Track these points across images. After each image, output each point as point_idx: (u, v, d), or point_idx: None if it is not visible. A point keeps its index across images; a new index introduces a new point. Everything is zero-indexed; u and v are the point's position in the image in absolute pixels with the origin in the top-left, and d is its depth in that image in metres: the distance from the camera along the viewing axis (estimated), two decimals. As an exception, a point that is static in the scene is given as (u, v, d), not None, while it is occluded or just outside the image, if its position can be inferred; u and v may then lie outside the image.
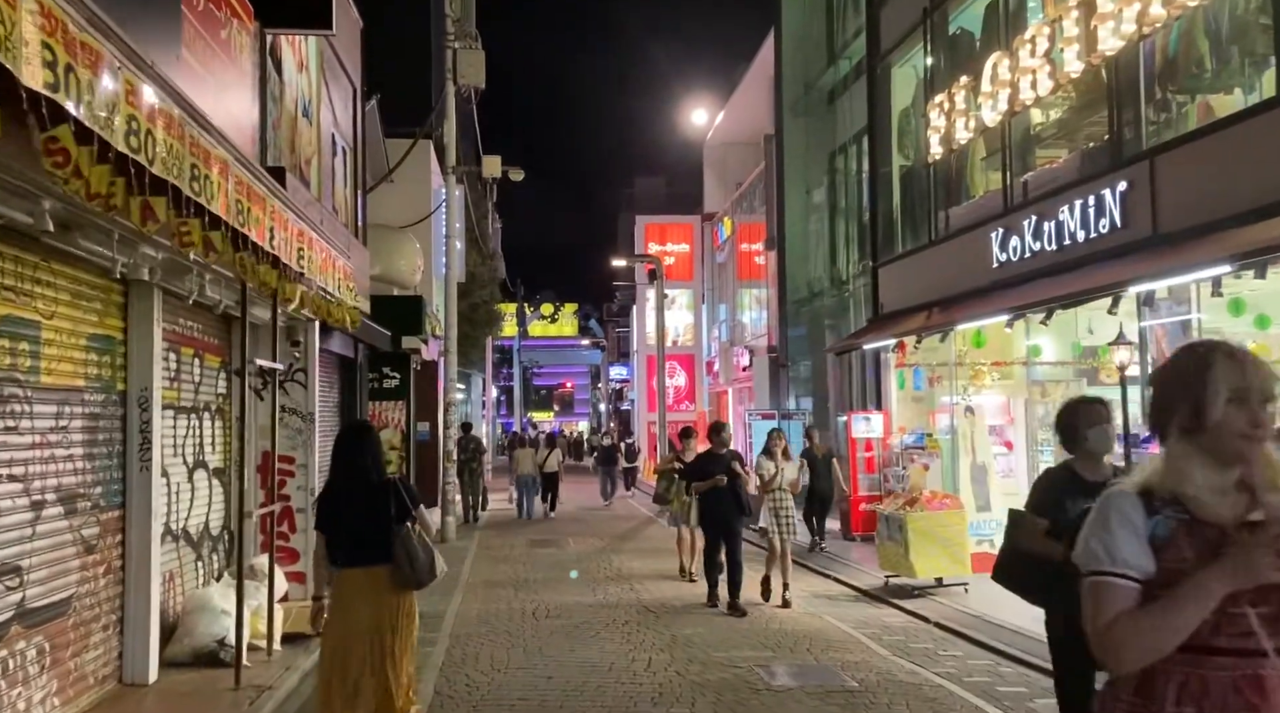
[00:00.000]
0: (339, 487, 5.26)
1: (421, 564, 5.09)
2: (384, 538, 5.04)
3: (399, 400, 18.51)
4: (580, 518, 20.62)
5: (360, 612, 5.04)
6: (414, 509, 5.18)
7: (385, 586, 5.05)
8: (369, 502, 5.10)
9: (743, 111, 33.83)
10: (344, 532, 5.13)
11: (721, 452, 10.24)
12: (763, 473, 10.50)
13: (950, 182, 13.95)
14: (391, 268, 17.46)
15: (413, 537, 5.10)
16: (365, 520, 5.08)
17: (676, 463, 12.09)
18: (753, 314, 33.15)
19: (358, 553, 5.08)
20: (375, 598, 5.06)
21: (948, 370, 14.48)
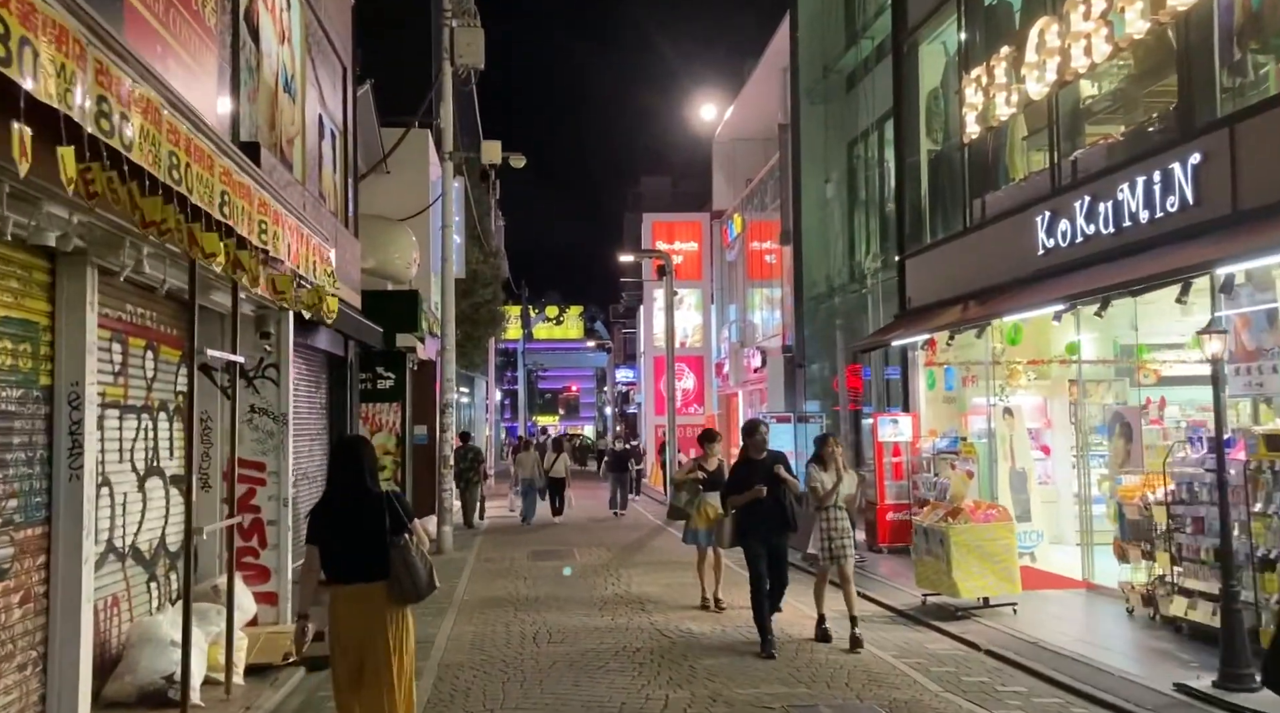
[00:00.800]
0: (334, 500, 5.20)
1: (421, 577, 5.03)
2: (379, 553, 4.98)
3: (394, 402, 17.46)
4: (585, 527, 19.56)
5: (358, 627, 5.00)
6: (409, 522, 5.10)
7: (382, 600, 5.00)
8: (364, 516, 5.03)
9: (753, 105, 32.80)
10: (338, 546, 5.04)
11: (759, 456, 8.60)
12: (815, 485, 8.78)
13: (987, 165, 12.88)
14: (385, 261, 16.44)
15: (411, 549, 5.03)
16: (361, 535, 5.01)
17: (698, 472, 10.50)
18: (764, 314, 32.09)
19: (354, 568, 5.01)
20: (373, 613, 5.01)
21: (983, 369, 13.42)
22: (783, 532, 8.58)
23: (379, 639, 4.99)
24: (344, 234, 14.16)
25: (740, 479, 8.63)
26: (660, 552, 15.32)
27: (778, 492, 8.41)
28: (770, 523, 8.46)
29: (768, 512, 8.39)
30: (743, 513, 8.53)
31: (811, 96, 20.24)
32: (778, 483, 8.43)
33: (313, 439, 13.66)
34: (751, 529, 8.52)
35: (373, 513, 5.02)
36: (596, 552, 15.35)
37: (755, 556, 8.54)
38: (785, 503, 8.43)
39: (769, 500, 8.36)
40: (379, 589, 4.99)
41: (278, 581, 8.38)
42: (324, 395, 14.29)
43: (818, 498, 8.78)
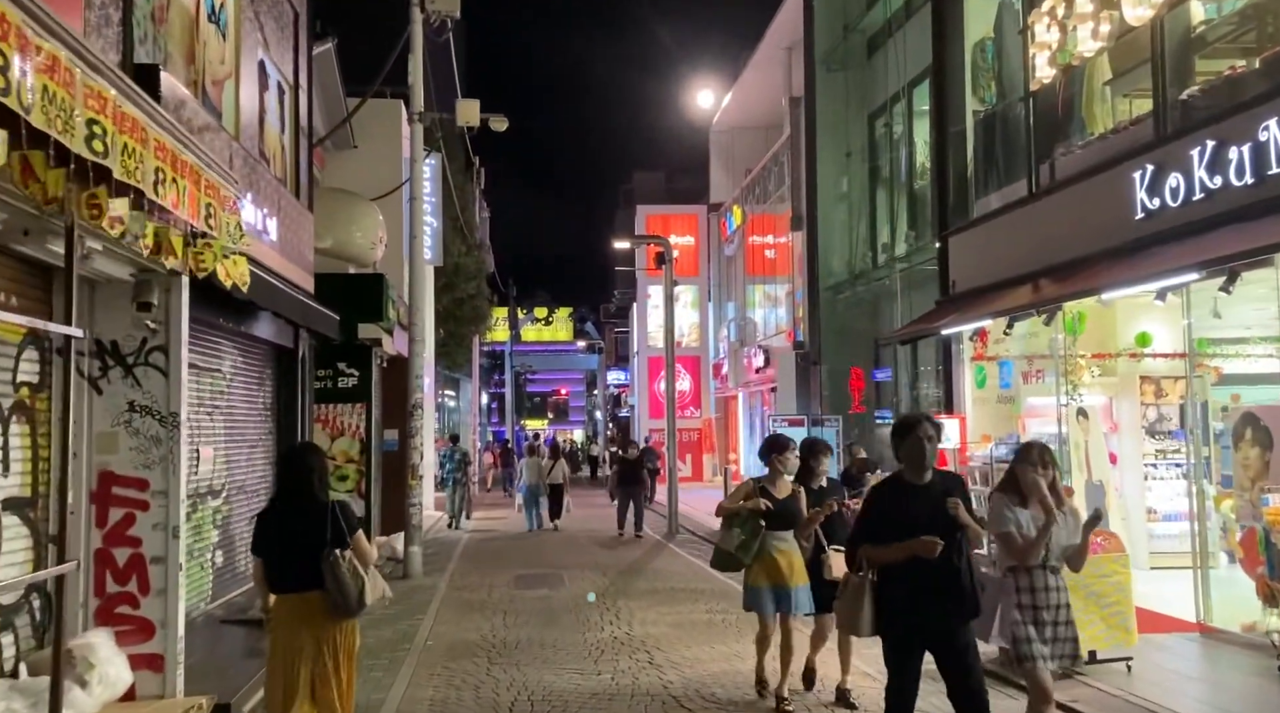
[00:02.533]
0: (278, 508, 5.18)
1: (349, 594, 4.87)
2: (316, 563, 4.86)
3: (358, 403, 15.31)
4: (579, 544, 17.40)
5: (299, 638, 4.91)
6: (350, 535, 4.96)
7: (323, 611, 4.90)
8: (306, 525, 4.95)
9: (753, 91, 30.87)
10: (279, 555, 4.99)
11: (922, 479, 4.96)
12: (1010, 531, 5.22)
13: (1056, 120, 10.83)
14: (346, 240, 14.29)
15: (341, 564, 4.86)
16: (300, 545, 4.92)
17: (760, 499, 6.70)
18: (765, 311, 30.08)
19: (292, 578, 4.94)
20: (313, 624, 4.92)
21: (1049, 362, 11.36)
22: (960, 612, 4.88)
23: (323, 649, 4.91)
24: (292, 204, 12.02)
25: (888, 518, 4.91)
26: (664, 576, 13.18)
27: (956, 544, 4.82)
28: (938, 597, 4.82)
29: (934, 577, 4.77)
30: (890, 580, 4.91)
31: (829, 63, 18.18)
32: (953, 529, 4.80)
33: (253, 446, 11.51)
34: (903, 609, 4.89)
35: (315, 523, 4.92)
36: (590, 577, 13.20)
37: (903, 658, 4.95)
38: (962, 563, 4.85)
39: (939, 559, 4.73)
40: (321, 598, 4.88)
41: (165, 638, 6.22)
42: (268, 394, 12.13)
43: (1016, 554, 5.21)
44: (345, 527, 4.94)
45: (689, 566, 14.25)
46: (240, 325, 10.64)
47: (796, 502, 6.75)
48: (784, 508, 6.72)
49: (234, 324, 10.43)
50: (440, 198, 19.38)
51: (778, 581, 6.78)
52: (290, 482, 5.13)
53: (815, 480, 6.89)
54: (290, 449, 5.82)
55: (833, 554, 6.65)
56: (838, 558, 6.47)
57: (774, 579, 6.79)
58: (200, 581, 9.80)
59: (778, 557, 6.76)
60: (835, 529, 6.80)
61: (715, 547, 7.13)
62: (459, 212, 29.35)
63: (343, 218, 14.41)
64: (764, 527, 6.70)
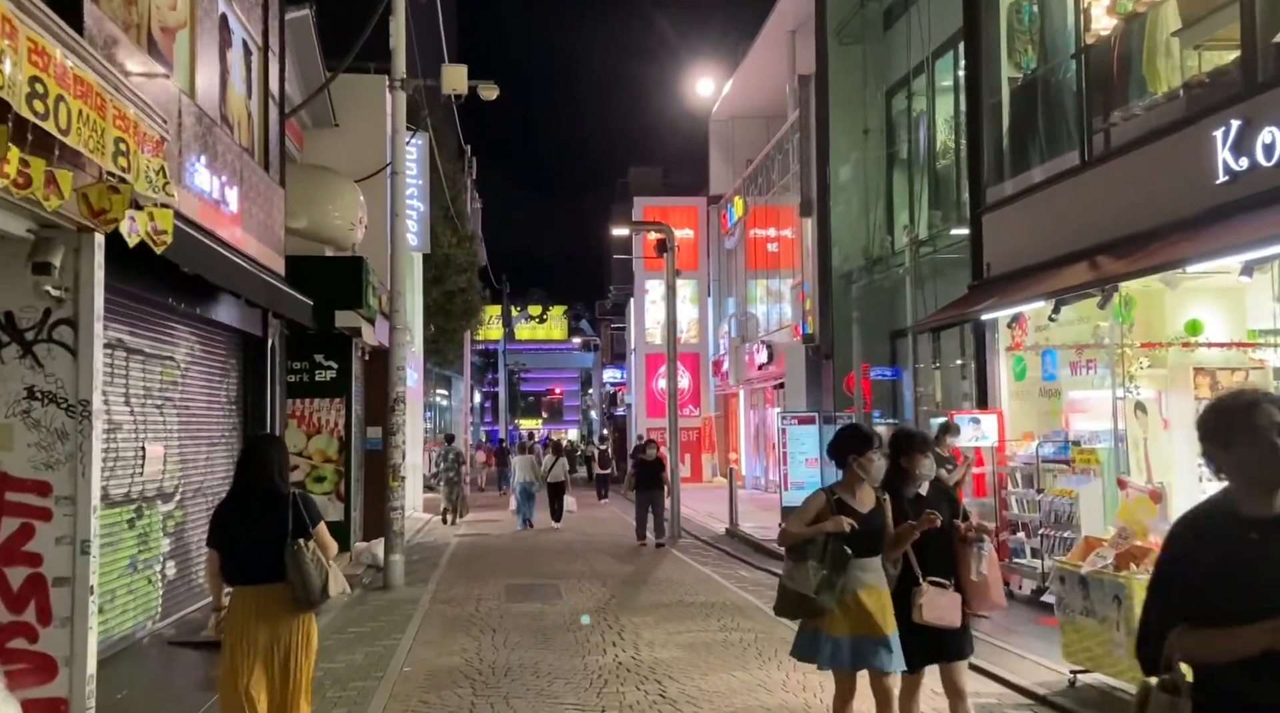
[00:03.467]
0: (236, 500, 4.98)
1: (313, 583, 4.70)
2: (278, 554, 4.69)
3: (337, 398, 14.16)
4: (575, 550, 16.23)
5: (256, 632, 4.73)
6: (312, 527, 4.81)
7: (281, 604, 4.74)
8: (264, 516, 4.79)
9: (755, 77, 29.76)
10: (238, 547, 4.81)
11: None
12: None
13: (1111, 80, 9.69)
14: (322, 220, 13.13)
15: (305, 553, 4.70)
16: (259, 536, 4.76)
17: (840, 519, 4.80)
18: (766, 307, 28.95)
19: (250, 570, 4.76)
20: (270, 617, 4.75)
21: (1098, 352, 10.24)
22: None
23: (279, 643, 4.75)
24: (259, 177, 10.86)
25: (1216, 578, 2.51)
26: (669, 587, 12.02)
27: None
28: None
29: None
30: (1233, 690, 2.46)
31: (843, 36, 17.04)
32: None
33: (214, 444, 10.34)
34: None
35: (276, 514, 4.77)
36: (589, 587, 12.03)
37: None
38: None
39: None
40: (275, 592, 4.73)
41: (70, 678, 5.04)
42: (233, 387, 10.97)
43: None
44: (307, 518, 4.81)
45: (695, 574, 13.10)
46: (197, 307, 9.46)
47: (883, 515, 4.93)
48: (871, 525, 4.85)
49: (189, 306, 9.25)
50: (427, 181, 18.21)
51: (865, 628, 4.83)
52: (249, 472, 4.96)
53: (911, 487, 5.07)
54: (249, 440, 5.64)
55: (929, 591, 4.94)
56: (940, 597, 4.95)
57: (859, 626, 4.83)
58: (148, 597, 8.64)
59: (863, 595, 4.81)
60: (935, 553, 5.03)
61: (781, 587, 5.03)
62: (449, 201, 28.16)
63: (319, 196, 13.24)
64: (850, 554, 4.75)
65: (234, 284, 8.87)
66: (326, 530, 4.96)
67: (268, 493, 4.84)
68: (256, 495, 4.87)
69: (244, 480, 4.98)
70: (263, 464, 4.93)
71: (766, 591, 11.51)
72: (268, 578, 4.71)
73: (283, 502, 4.81)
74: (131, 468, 8.20)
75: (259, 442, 5.39)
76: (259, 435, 6.48)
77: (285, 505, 4.79)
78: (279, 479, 4.91)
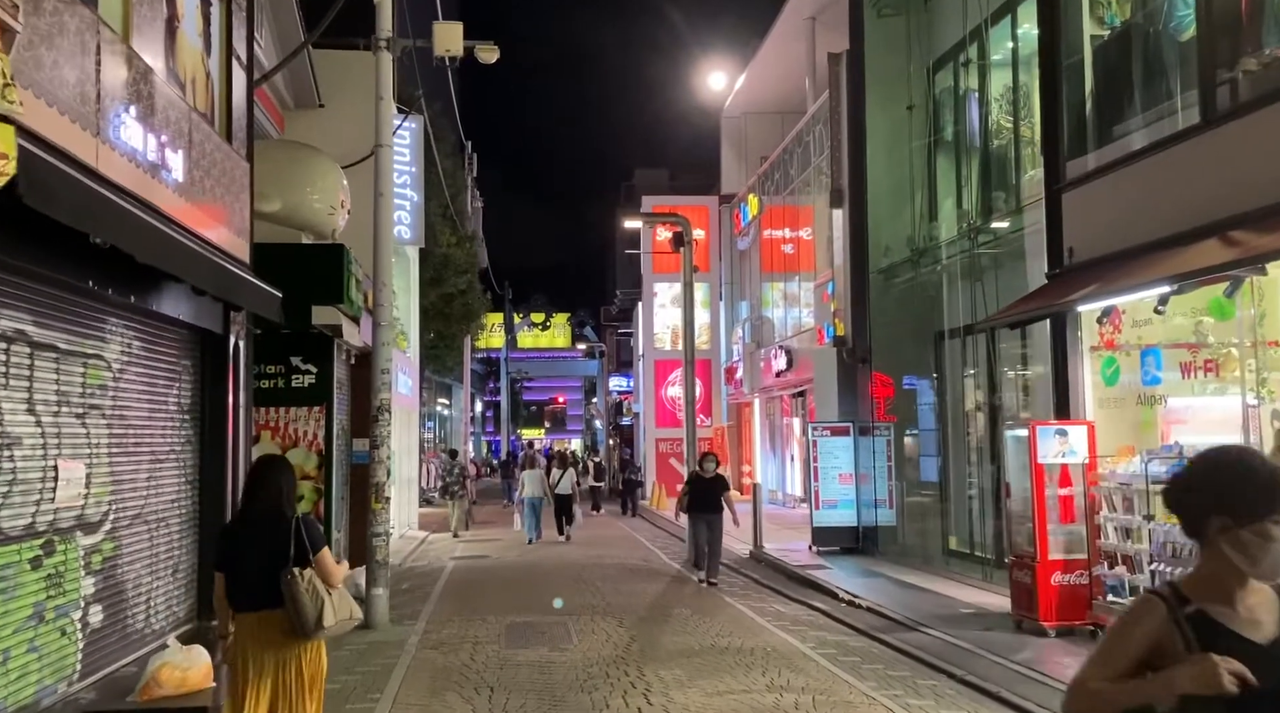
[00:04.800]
0: (241, 523, 4.98)
1: (307, 615, 4.60)
2: (279, 581, 4.64)
3: (316, 406, 12.50)
4: (585, 576, 14.56)
5: (261, 658, 4.68)
6: (314, 553, 4.71)
7: (283, 630, 4.67)
8: (267, 541, 4.73)
9: (769, 70, 28.23)
10: (241, 572, 4.75)
11: None
12: None
13: (1239, 21, 8.05)
14: (299, 203, 11.52)
15: (299, 583, 4.63)
16: (261, 561, 4.69)
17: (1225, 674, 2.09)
18: (782, 311, 27.34)
19: (253, 596, 4.73)
20: (274, 644, 4.69)
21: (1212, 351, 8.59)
22: None
23: (283, 671, 4.68)
24: (217, 147, 9.24)
25: None
26: (698, 627, 10.35)
27: None
28: None
29: None
30: None
31: (881, 7, 15.42)
32: None
33: (158, 461, 8.69)
34: None
35: (278, 540, 4.70)
36: (603, 626, 10.36)
37: None
38: None
39: None
40: (277, 618, 4.67)
41: None
42: (186, 393, 9.32)
43: None
44: (309, 544, 4.73)
45: (724, 609, 11.45)
46: (133, 296, 7.80)
47: None
48: None
49: (120, 293, 7.59)
50: (422, 168, 16.59)
51: None
52: (253, 495, 4.93)
53: None
54: (257, 462, 5.58)
55: None
56: None
57: None
58: (61, 653, 6.95)
59: None
60: None
61: None
62: (448, 199, 26.59)
63: (296, 176, 11.63)
64: None
65: (173, 265, 7.22)
66: (330, 556, 4.84)
67: (271, 517, 4.78)
68: (260, 519, 4.81)
69: (249, 503, 4.92)
70: (266, 487, 4.87)
71: (810, 632, 9.88)
72: (269, 604, 4.66)
73: (286, 526, 4.73)
74: (37, 493, 6.54)
75: (263, 464, 5.24)
76: (264, 458, 6.04)
77: (288, 531, 4.71)
78: (284, 503, 4.84)
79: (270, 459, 5.44)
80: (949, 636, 9.22)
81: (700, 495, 13.61)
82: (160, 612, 8.58)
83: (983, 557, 13.19)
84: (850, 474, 15.74)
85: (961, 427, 14.09)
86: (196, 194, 8.40)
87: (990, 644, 8.80)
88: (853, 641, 9.54)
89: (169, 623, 8.75)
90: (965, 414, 13.94)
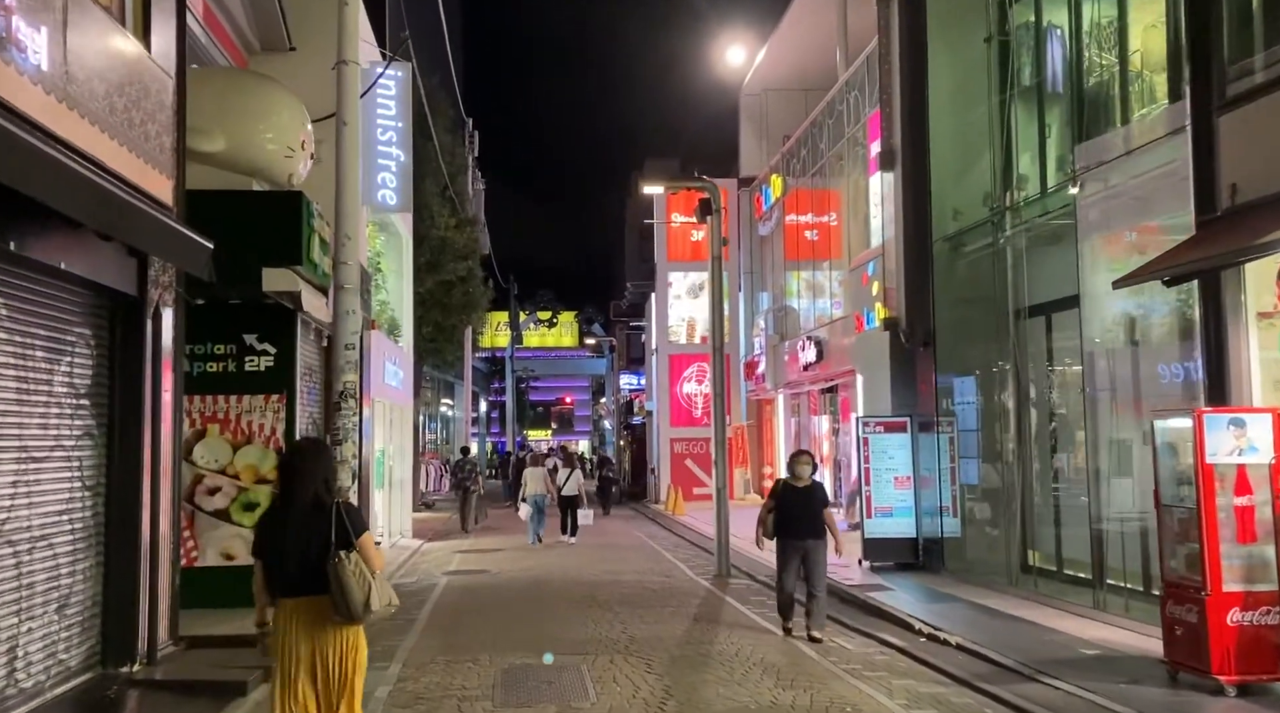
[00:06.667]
0: (280, 510, 4.80)
1: (355, 597, 4.52)
2: (321, 567, 4.56)
3: (275, 394, 10.30)
4: (599, 597, 12.34)
5: (298, 644, 4.63)
6: (356, 537, 4.64)
7: (325, 616, 4.61)
8: (306, 528, 4.63)
9: (795, 40, 26.13)
10: (282, 559, 4.67)
11: None
12: None
13: None
14: (247, 142, 9.34)
15: (347, 565, 4.53)
16: (302, 548, 4.61)
17: None
18: (805, 301, 25.13)
19: (294, 583, 4.65)
20: (314, 630, 4.64)
21: None
22: None
23: (325, 656, 4.63)
24: (124, 45, 7.05)
25: None
26: (749, 673, 8.13)
27: None
28: None
29: None
30: None
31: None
32: None
33: (37, 459, 6.51)
34: None
35: (317, 524, 4.62)
36: (627, 669, 8.15)
37: None
38: None
39: None
40: (324, 603, 4.59)
41: None
42: (80, 373, 7.14)
43: None
44: (351, 528, 4.64)
45: (775, 644, 9.24)
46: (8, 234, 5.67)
47: None
48: None
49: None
50: (410, 125, 14.37)
51: None
52: (289, 482, 4.76)
53: None
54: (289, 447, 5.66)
55: None
56: None
57: None
58: None
59: None
60: None
61: None
62: (447, 178, 24.42)
63: (245, 109, 9.43)
64: None
65: (16, 176, 5.02)
66: (372, 542, 4.76)
67: (312, 504, 4.68)
68: (301, 506, 4.69)
69: (286, 491, 4.78)
70: (303, 474, 4.74)
71: (893, 680, 7.68)
72: (311, 590, 4.59)
73: (326, 513, 4.65)
74: None
75: (298, 450, 5.17)
76: (299, 442, 5.97)
77: (329, 516, 4.63)
78: (322, 489, 4.73)
79: (309, 444, 5.26)
80: (1084, 691, 7.00)
81: (793, 514, 9.52)
82: (36, 663, 6.37)
83: (1075, 576, 10.98)
84: (908, 477, 13.50)
85: (1043, 418, 11.87)
86: (79, 98, 6.20)
87: (1146, 706, 6.58)
88: (954, 695, 7.31)
89: (52, 676, 6.54)
90: (1049, 403, 11.72)
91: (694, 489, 29.67)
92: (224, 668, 7.58)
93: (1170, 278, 7.62)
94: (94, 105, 6.38)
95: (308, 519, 4.66)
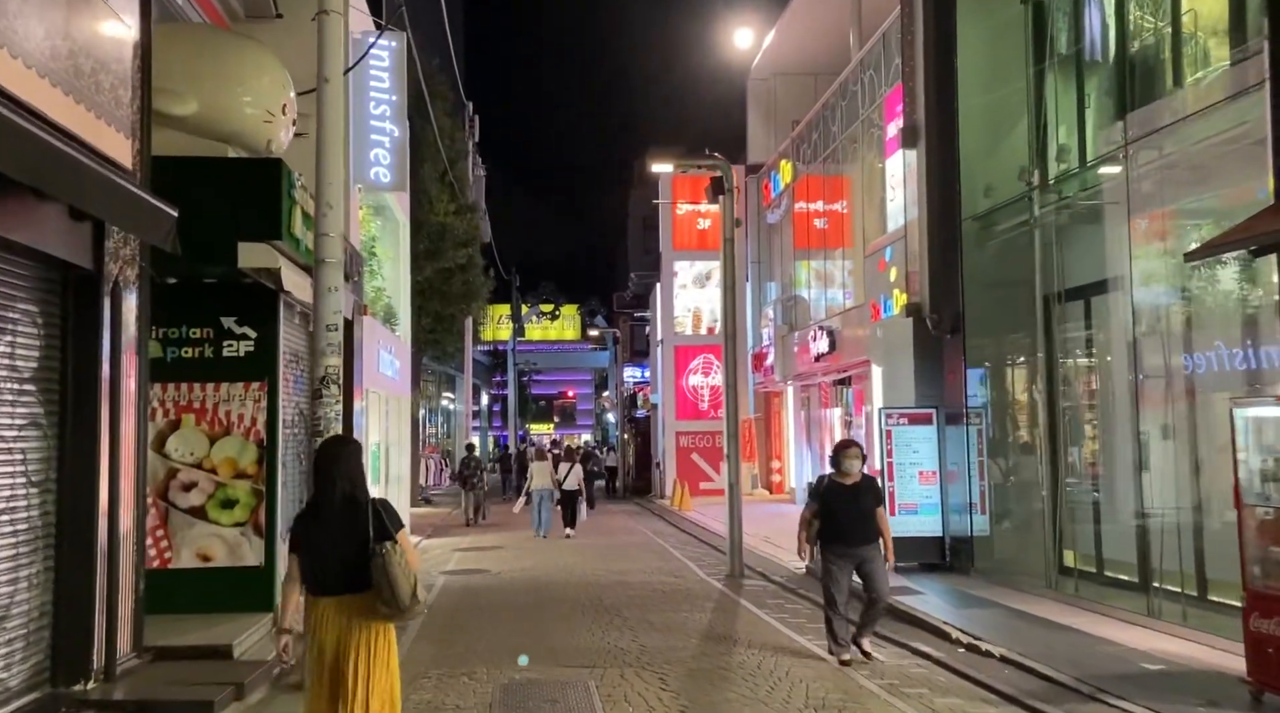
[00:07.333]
0: (316, 508, 4.73)
1: (401, 589, 4.47)
2: (361, 563, 4.52)
3: (256, 382, 9.50)
4: (605, 601, 11.57)
5: (334, 642, 4.56)
6: (394, 533, 4.58)
7: (358, 614, 4.56)
8: (341, 526, 4.58)
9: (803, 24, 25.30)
10: (318, 556, 4.62)
11: None
12: None
13: None
14: (224, 105, 8.54)
15: (394, 556, 4.48)
16: (338, 547, 4.57)
17: None
18: (815, 290, 24.31)
19: (331, 582, 4.59)
20: (348, 628, 4.56)
21: None
22: None
23: (361, 652, 4.55)
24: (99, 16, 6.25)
25: None
26: (773, 694, 7.33)
27: None
28: None
29: None
30: None
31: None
32: None
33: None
34: None
35: (352, 523, 4.58)
36: (639, 686, 7.36)
37: None
38: None
39: None
40: (359, 601, 4.56)
41: None
42: (24, 355, 6.34)
43: None
44: (388, 524, 4.58)
45: (799, 654, 8.45)
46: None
47: None
48: None
49: None
50: (404, 98, 13.54)
51: None
52: (322, 481, 4.70)
53: None
54: (324, 444, 5.17)
55: None
56: None
57: None
58: None
59: None
60: None
61: None
62: (446, 163, 23.63)
63: (221, 70, 8.61)
64: None
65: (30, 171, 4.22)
66: (408, 538, 4.71)
67: (344, 502, 4.63)
68: (333, 505, 4.64)
69: (319, 489, 4.72)
70: (334, 472, 4.68)
71: (935, 698, 6.89)
72: (347, 589, 4.55)
73: (361, 510, 4.60)
74: None
75: (328, 447, 5.01)
76: (330, 439, 5.49)
77: (364, 514, 4.57)
78: (355, 487, 4.68)
79: (343, 440, 5.15)
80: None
81: (842, 517, 8.05)
82: (-31, 683, 5.57)
83: (1117, 578, 10.20)
84: (934, 472, 12.70)
85: (1081, 408, 11.07)
86: (8, 34, 5.39)
87: (1232, 733, 5.78)
88: (1006, 717, 6.52)
89: (-11, 697, 5.75)
90: (1087, 391, 10.91)
91: (700, 484, 28.92)
92: (190, 686, 6.79)
93: (1257, 248, 6.81)
94: (30, 46, 5.57)
95: (340, 519, 4.61)
